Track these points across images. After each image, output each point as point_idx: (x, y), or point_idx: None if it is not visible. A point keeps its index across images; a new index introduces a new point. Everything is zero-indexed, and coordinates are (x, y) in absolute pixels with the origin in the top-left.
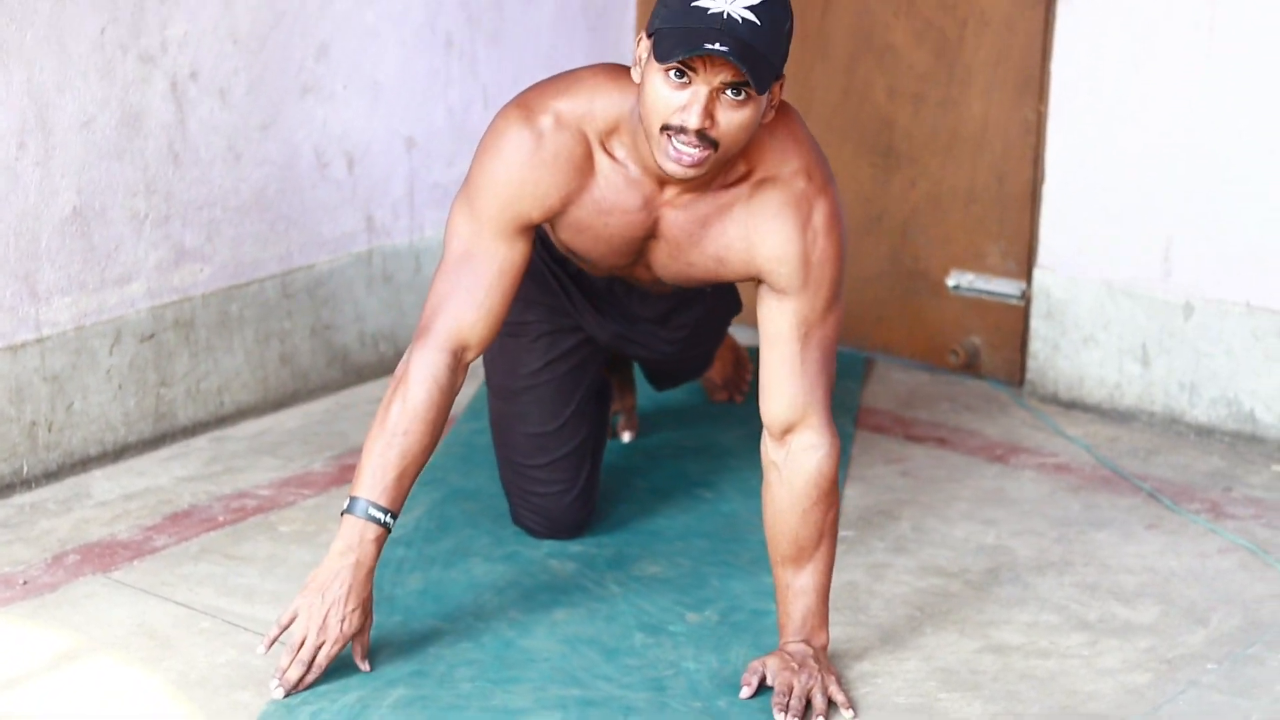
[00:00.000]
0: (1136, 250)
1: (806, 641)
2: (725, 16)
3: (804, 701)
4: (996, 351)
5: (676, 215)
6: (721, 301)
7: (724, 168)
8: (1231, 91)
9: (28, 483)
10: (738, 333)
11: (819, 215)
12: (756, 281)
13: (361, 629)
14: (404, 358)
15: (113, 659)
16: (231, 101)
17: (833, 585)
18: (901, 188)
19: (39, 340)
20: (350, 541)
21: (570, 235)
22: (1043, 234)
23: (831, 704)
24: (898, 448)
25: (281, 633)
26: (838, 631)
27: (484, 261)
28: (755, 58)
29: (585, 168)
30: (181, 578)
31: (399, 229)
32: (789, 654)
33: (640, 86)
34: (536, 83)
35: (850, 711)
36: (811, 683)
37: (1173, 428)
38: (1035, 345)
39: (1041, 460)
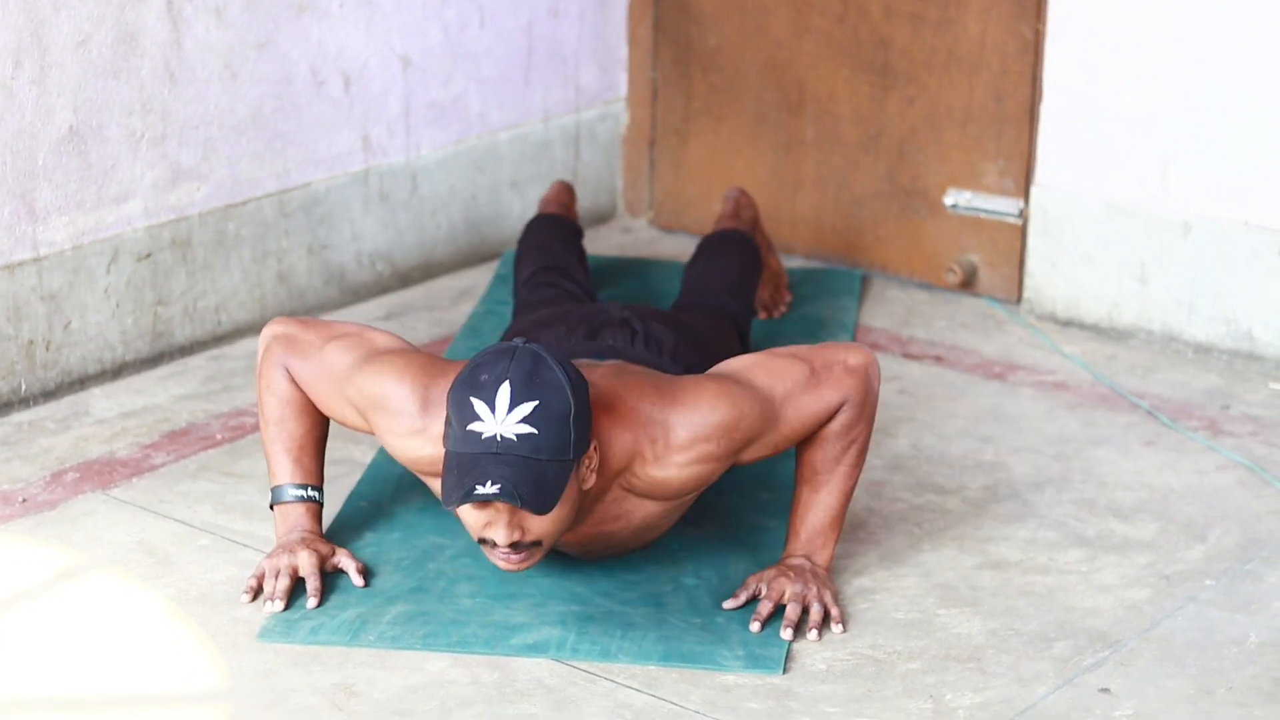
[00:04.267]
0: (1134, 169)
1: (808, 557)
2: (499, 439)
3: (800, 609)
4: (994, 270)
5: (569, 546)
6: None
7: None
8: (1229, 10)
9: (26, 401)
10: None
11: (690, 447)
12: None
13: (333, 552)
14: (260, 359)
15: (112, 576)
16: (227, 20)
17: None
18: (899, 106)
19: (36, 259)
20: (290, 524)
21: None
22: (1040, 153)
23: (825, 616)
24: (895, 365)
25: (257, 588)
26: (836, 548)
27: (335, 407)
28: (536, 475)
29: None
30: (180, 495)
31: (395, 148)
32: (788, 566)
33: None
34: (436, 368)
35: (840, 627)
36: (807, 592)
37: (1170, 346)
38: (1033, 263)
39: (1039, 378)
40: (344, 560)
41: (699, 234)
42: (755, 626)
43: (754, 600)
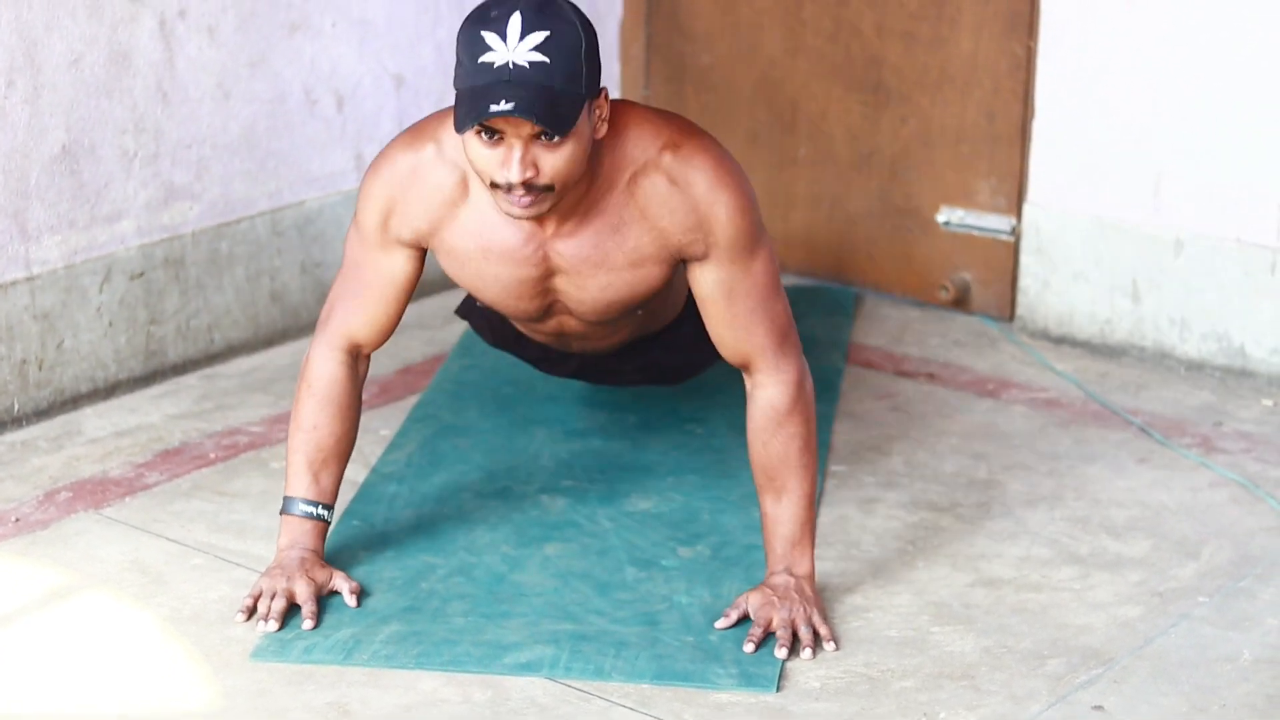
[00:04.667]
0: (1126, 186)
1: (789, 571)
2: (510, 67)
3: (790, 634)
4: (987, 287)
5: (566, 244)
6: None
7: (587, 185)
8: (1222, 27)
9: (19, 420)
10: None
11: (701, 178)
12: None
13: (330, 578)
14: (307, 352)
15: (105, 595)
16: (220, 39)
17: (824, 520)
18: (892, 125)
19: (29, 278)
20: (293, 537)
21: (455, 269)
22: (1032, 170)
23: (815, 636)
24: (888, 383)
25: (252, 607)
26: (829, 565)
27: (369, 271)
28: (550, 101)
29: (458, 199)
30: (173, 514)
31: None
32: (771, 587)
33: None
34: (435, 111)
35: (832, 644)
36: (793, 615)
37: (1163, 363)
38: (1025, 281)
39: (1032, 395)
40: (338, 582)
41: None
42: (749, 648)
43: (745, 619)
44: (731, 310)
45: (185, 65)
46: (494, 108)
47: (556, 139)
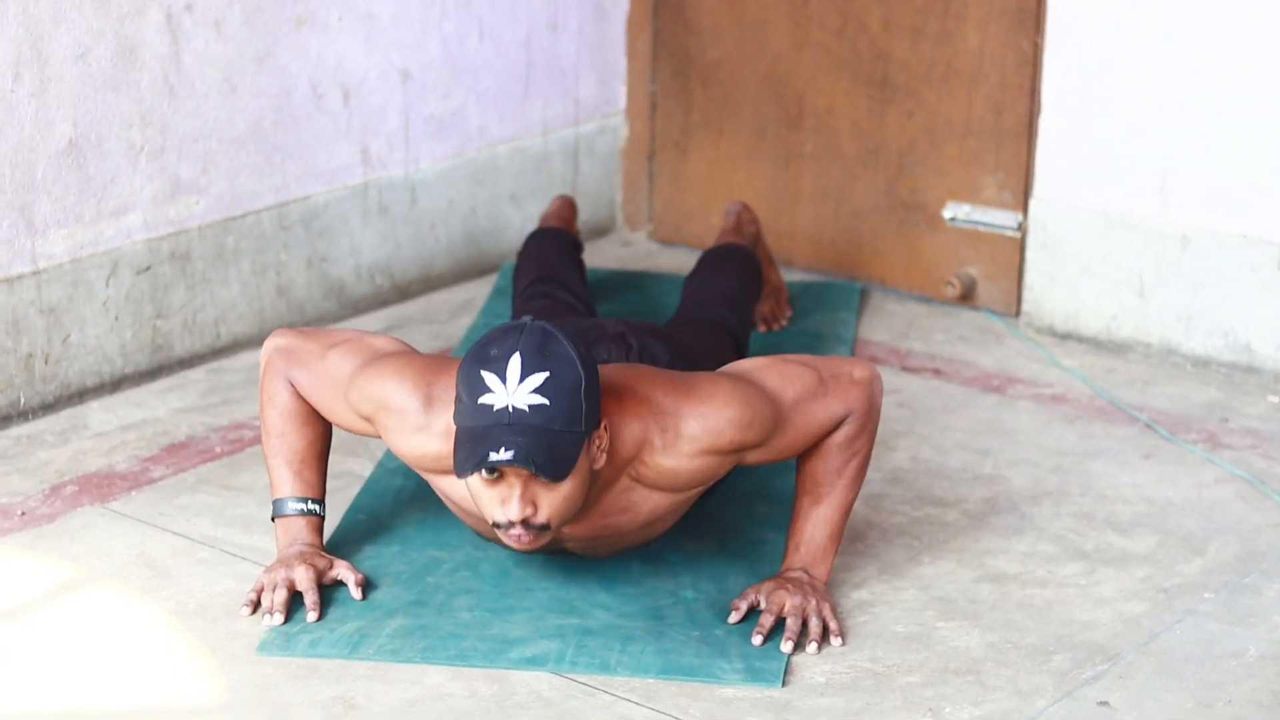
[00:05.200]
0: (1133, 182)
1: (806, 570)
2: (510, 410)
3: (800, 622)
4: (993, 283)
5: (576, 529)
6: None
7: (590, 499)
8: (1229, 22)
9: (25, 414)
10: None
11: (695, 444)
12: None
13: (330, 565)
14: (262, 372)
15: (111, 589)
16: (227, 33)
17: None
18: (898, 120)
19: (35, 272)
20: (290, 536)
21: (457, 511)
22: (1039, 165)
23: (824, 629)
24: (894, 378)
25: (256, 602)
26: (835, 561)
27: (330, 402)
28: (549, 445)
29: (448, 465)
30: (179, 508)
31: (394, 161)
32: (786, 579)
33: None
34: (450, 368)
35: (840, 640)
36: (806, 605)
37: (1169, 359)
38: (1031, 276)
39: (1038, 391)
40: (343, 573)
41: (698, 247)
42: (757, 640)
43: (754, 611)
44: (794, 447)
45: (192, 59)
46: (493, 456)
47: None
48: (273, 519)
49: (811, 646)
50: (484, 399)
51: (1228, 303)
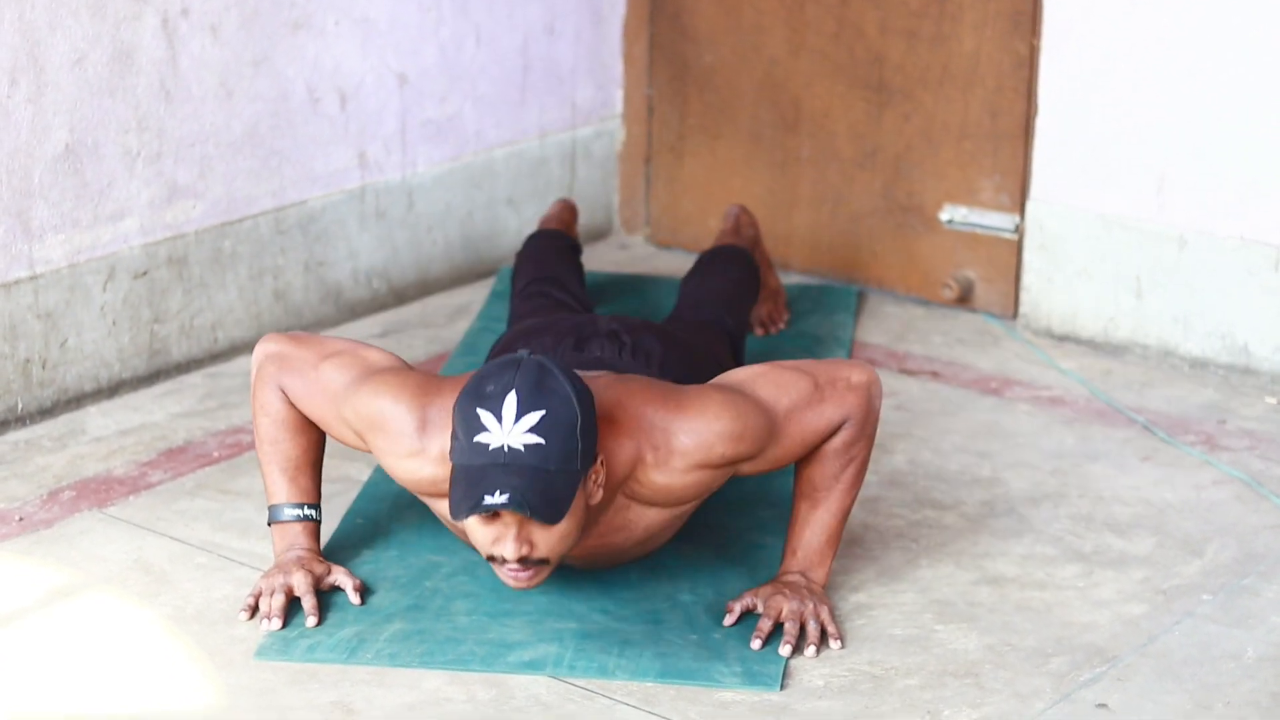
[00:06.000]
0: (1130, 183)
1: (803, 574)
2: (505, 450)
3: (798, 626)
4: (990, 285)
5: (574, 551)
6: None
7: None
8: (1225, 24)
9: (22, 419)
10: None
11: (686, 460)
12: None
13: (328, 571)
14: (254, 378)
15: (109, 594)
16: (223, 38)
17: None
18: (895, 123)
19: (33, 277)
20: (287, 542)
21: (455, 532)
22: (1036, 168)
23: (822, 633)
24: (892, 381)
25: (254, 607)
26: (833, 565)
27: (321, 410)
28: (544, 487)
29: (444, 487)
30: (177, 513)
31: (391, 165)
32: (784, 583)
33: None
34: (450, 389)
35: (839, 643)
36: (804, 609)
37: (1166, 361)
38: (1029, 278)
39: (1035, 393)
40: (341, 578)
41: (695, 251)
42: (756, 644)
43: (749, 614)
44: (789, 455)
45: (188, 64)
46: (488, 499)
47: None
48: (269, 524)
49: (810, 650)
50: (479, 438)
51: (1225, 304)
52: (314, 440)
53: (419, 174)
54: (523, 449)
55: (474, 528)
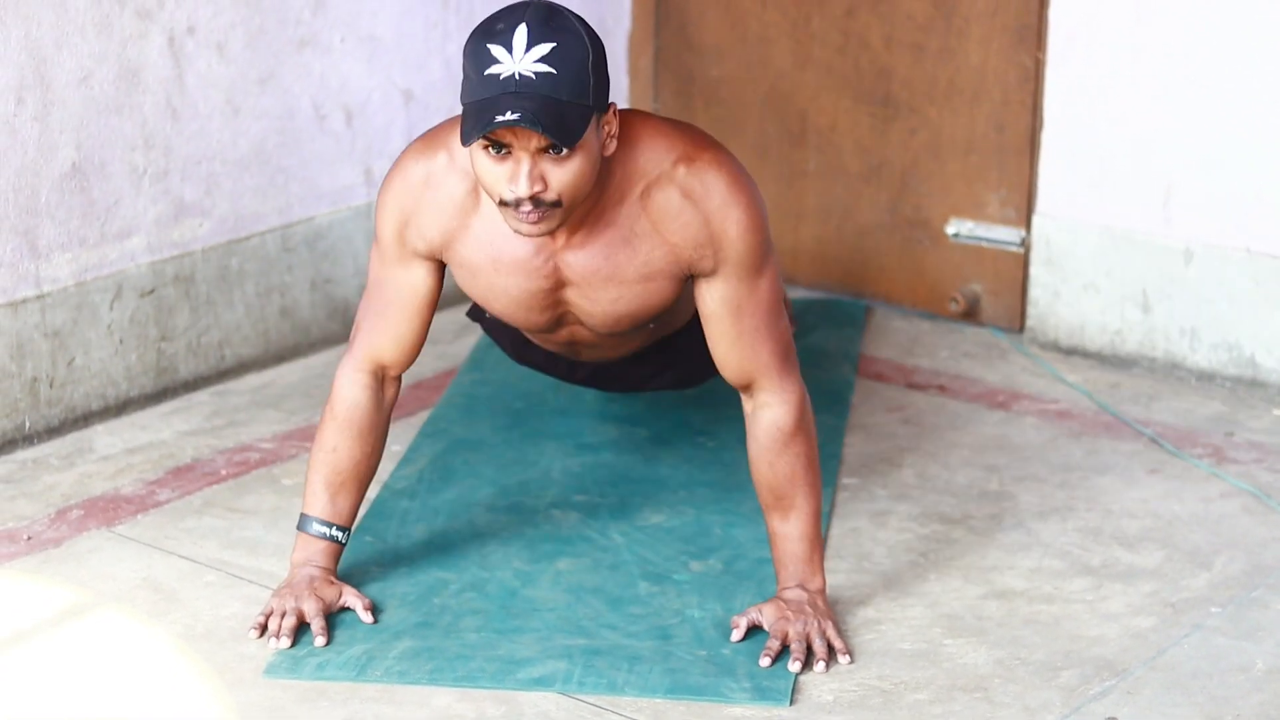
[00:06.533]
0: (1136, 196)
1: (802, 586)
2: (517, 78)
3: (805, 646)
4: (997, 299)
5: (577, 256)
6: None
7: (596, 198)
8: (1231, 37)
9: (30, 438)
10: None
11: (715, 193)
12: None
13: (339, 595)
14: (336, 373)
15: (118, 613)
16: (229, 56)
17: (835, 533)
18: (901, 137)
19: (39, 296)
20: (307, 555)
21: (468, 282)
22: (1042, 181)
23: (830, 649)
24: (899, 395)
25: (264, 625)
26: (841, 579)
27: (390, 288)
28: (557, 112)
29: (469, 209)
30: (185, 531)
31: None
32: (785, 601)
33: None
34: (448, 119)
35: (847, 658)
36: (808, 629)
37: (1174, 373)
38: (1035, 292)
39: (1043, 406)
40: (350, 599)
41: None
42: (765, 662)
43: (755, 630)
44: (738, 328)
45: (195, 81)
46: (499, 118)
47: (564, 152)
48: (297, 529)
49: (819, 665)
50: (490, 70)
51: (1232, 317)
52: (367, 453)
53: None
54: (534, 76)
55: (486, 168)
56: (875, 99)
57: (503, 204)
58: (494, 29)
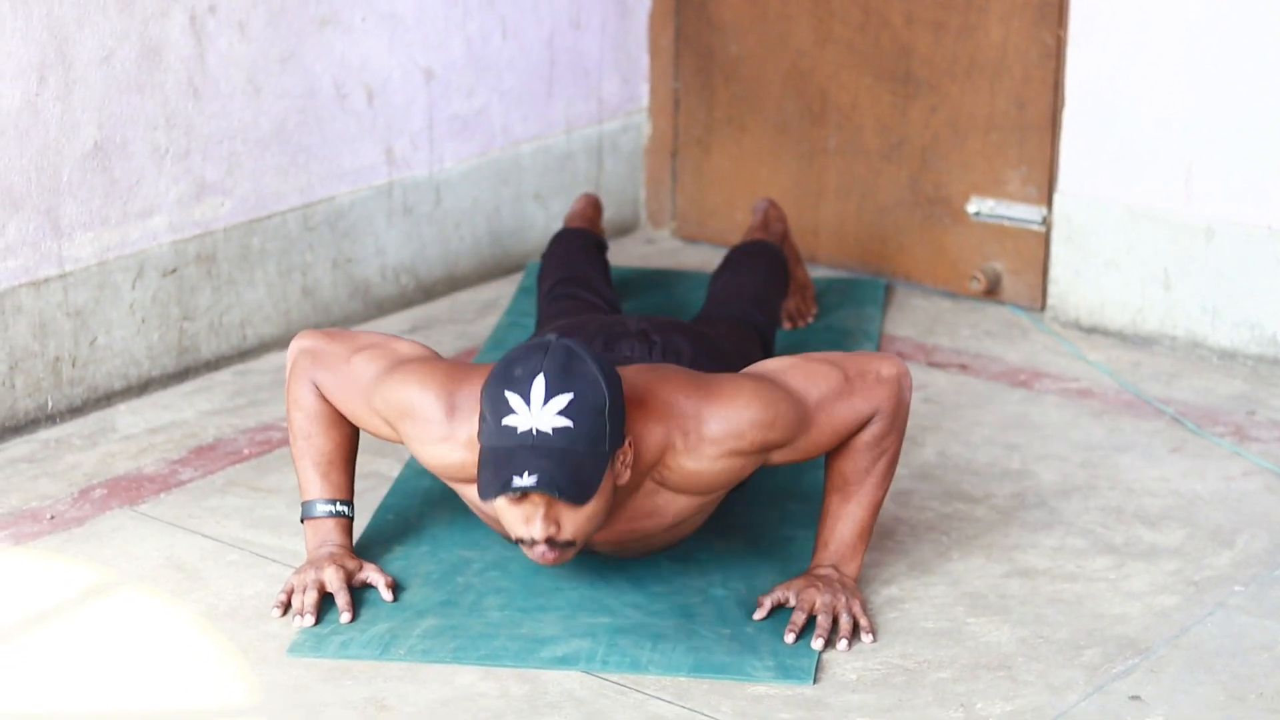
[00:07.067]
0: (1157, 174)
1: (835, 567)
2: (534, 433)
3: (830, 620)
4: (1018, 277)
5: (604, 535)
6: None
7: (614, 505)
8: (1252, 14)
9: (53, 418)
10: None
11: (717, 448)
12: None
13: (360, 567)
14: (288, 374)
15: (141, 592)
16: (250, 34)
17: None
18: (921, 114)
19: (62, 276)
20: (320, 538)
21: (484, 519)
22: (1063, 159)
23: (854, 626)
24: (920, 374)
25: (287, 603)
26: (864, 558)
27: (353, 405)
28: (573, 469)
29: (473, 475)
30: (208, 510)
31: (418, 161)
32: (816, 576)
33: None
34: (476, 375)
35: (871, 636)
36: (836, 602)
37: (1195, 352)
38: (1056, 270)
39: (1064, 385)
40: (372, 575)
41: (722, 245)
42: (790, 638)
43: (780, 608)
44: (820, 446)
45: (216, 60)
46: (517, 481)
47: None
48: (301, 521)
49: (842, 643)
50: (508, 420)
51: (1253, 295)
52: (347, 435)
53: (446, 169)
54: (551, 432)
55: (502, 509)
56: (896, 76)
57: (519, 540)
58: (512, 375)
